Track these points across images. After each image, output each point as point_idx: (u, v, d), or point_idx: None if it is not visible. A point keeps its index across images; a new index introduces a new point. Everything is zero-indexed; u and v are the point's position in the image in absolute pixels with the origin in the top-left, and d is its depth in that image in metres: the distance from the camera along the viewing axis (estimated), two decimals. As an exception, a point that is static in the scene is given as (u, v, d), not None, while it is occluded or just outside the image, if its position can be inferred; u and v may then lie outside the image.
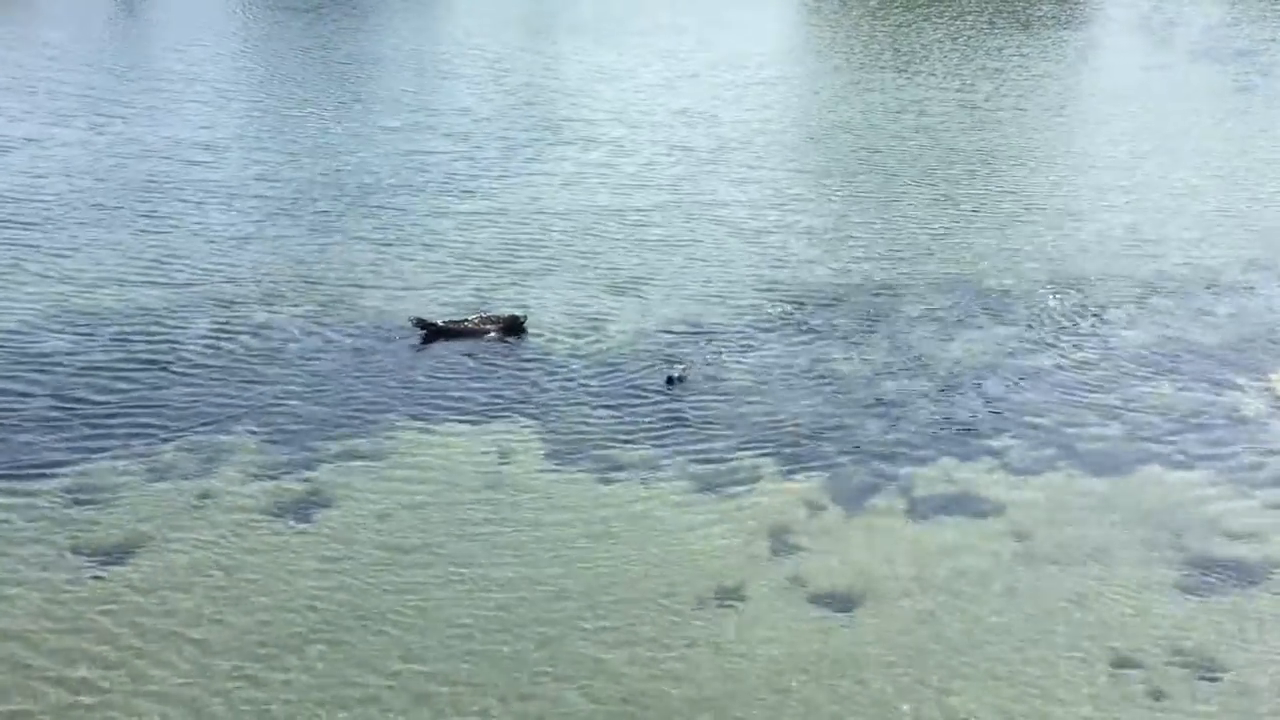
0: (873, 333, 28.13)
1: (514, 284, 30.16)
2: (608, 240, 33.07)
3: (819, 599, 19.13)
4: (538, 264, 31.43)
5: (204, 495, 21.23)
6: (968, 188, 37.78)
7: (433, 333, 27.08)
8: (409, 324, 27.53)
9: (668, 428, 23.70)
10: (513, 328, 27.39)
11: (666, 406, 24.40)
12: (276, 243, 32.36)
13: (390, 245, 32.37)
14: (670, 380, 24.45)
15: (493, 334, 27.17)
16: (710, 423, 23.95)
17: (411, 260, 31.44)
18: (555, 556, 19.88)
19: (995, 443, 23.75)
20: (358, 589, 19.10)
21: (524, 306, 28.62)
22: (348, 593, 19.00)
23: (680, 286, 30.20)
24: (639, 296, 29.54)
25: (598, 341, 27.26)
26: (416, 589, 19.09)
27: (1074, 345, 27.71)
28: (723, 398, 24.88)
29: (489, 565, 19.67)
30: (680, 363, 25.16)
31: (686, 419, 24.04)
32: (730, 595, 19.15)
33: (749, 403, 24.71)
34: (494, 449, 23.03)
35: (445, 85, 49.21)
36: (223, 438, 23.05)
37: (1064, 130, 44.44)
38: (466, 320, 27.46)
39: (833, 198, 37.16)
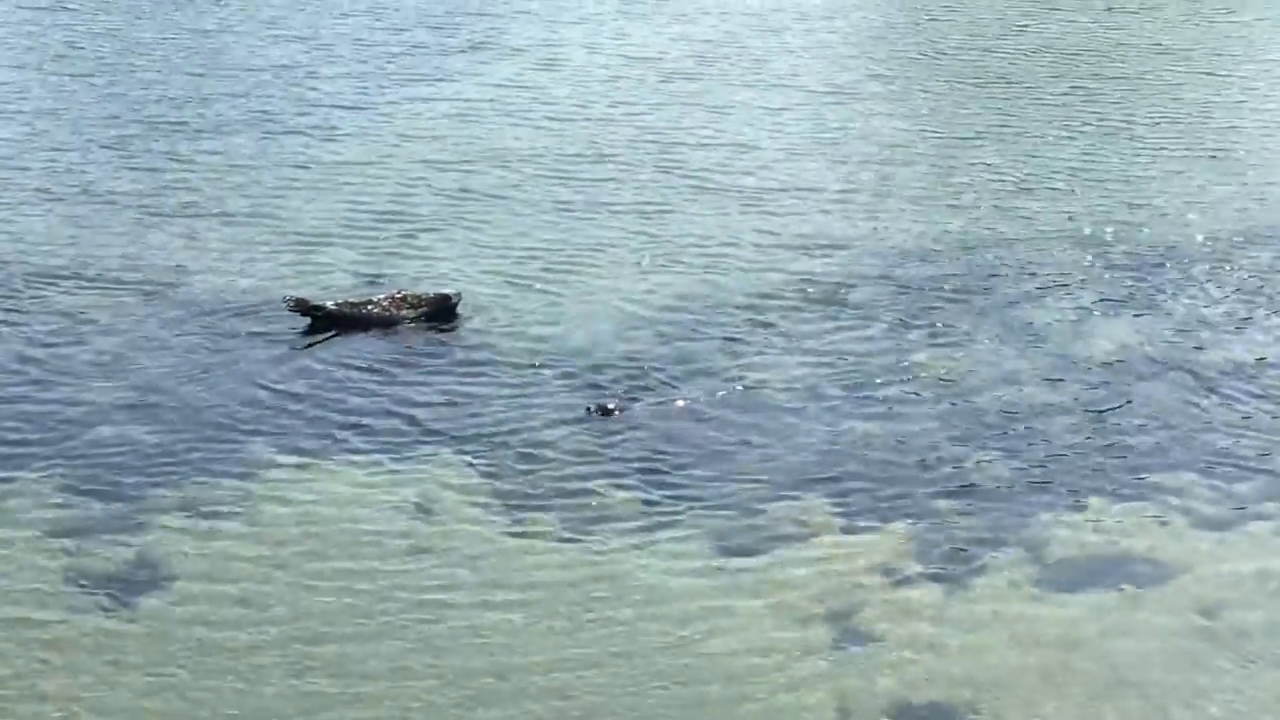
0: (973, 315, 28.36)
1: (422, 255, 30.68)
2: (563, 193, 33.71)
3: (911, 715, 18.57)
4: (455, 228, 32.02)
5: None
6: (1116, 113, 39.36)
7: (320, 320, 27.23)
8: (284, 307, 27.59)
9: (666, 459, 23.72)
10: (439, 312, 27.62)
11: (663, 429, 24.57)
12: (72, 214, 32.48)
13: (232, 212, 32.65)
14: (590, 411, 24.93)
15: (409, 321, 27.38)
16: (729, 450, 23.93)
17: (265, 227, 31.84)
18: (496, 661, 19.35)
19: (1168, 477, 23.45)
20: (197, 711, 18.54)
21: (451, 282, 29.02)
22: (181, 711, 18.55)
23: (674, 254, 30.76)
24: (618, 270, 30.08)
25: (558, 334, 27.54)
26: (289, 705, 18.65)
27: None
28: (746, 413, 24.97)
29: (395, 674, 19.16)
30: (616, 389, 25.70)
31: (694, 447, 24.08)
32: (777, 711, 18.54)
33: (785, 419, 24.80)
34: (411, 494, 22.73)
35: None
36: (4, 485, 22.89)
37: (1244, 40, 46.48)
38: (370, 302, 27.69)
39: (901, 121, 38.42)
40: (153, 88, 40.74)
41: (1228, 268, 30.31)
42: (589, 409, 24.94)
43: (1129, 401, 25.55)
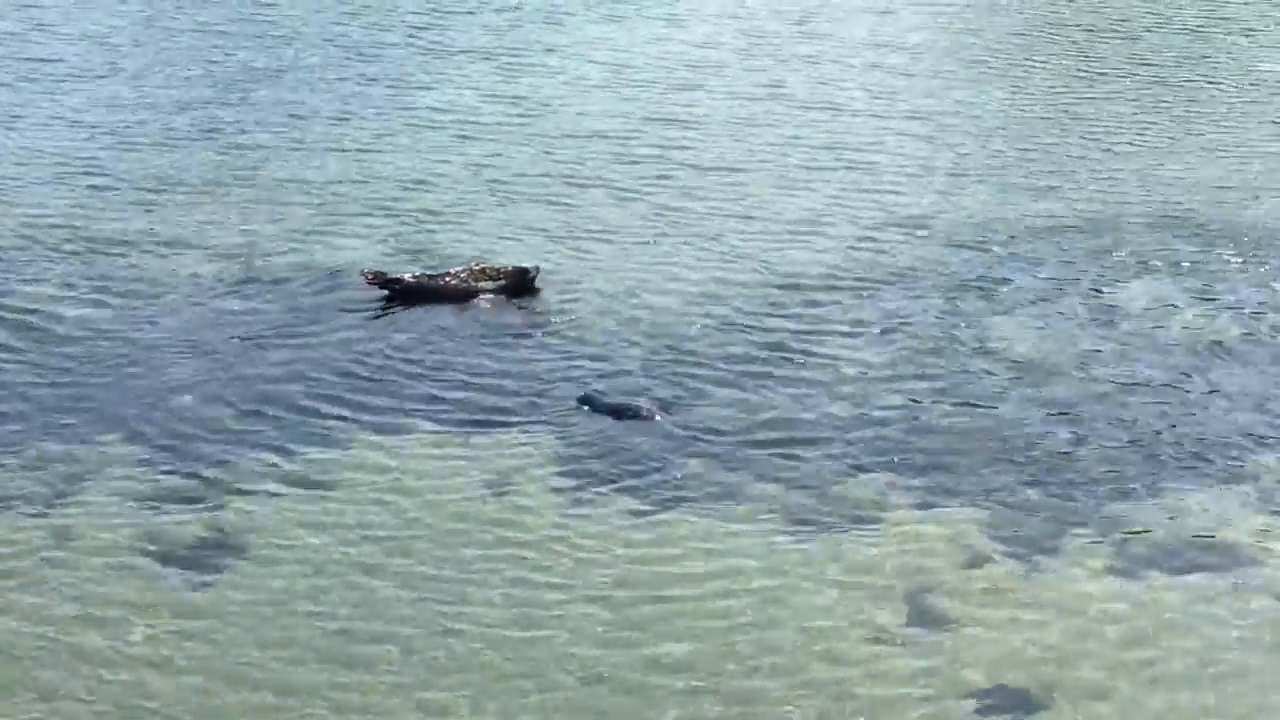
0: (1052, 296, 28.13)
1: (500, 227, 30.48)
2: (642, 161, 33.56)
3: (985, 698, 18.40)
4: (530, 205, 31.70)
5: (58, 534, 21.01)
6: (1198, 95, 38.88)
7: (398, 292, 27.21)
8: (360, 281, 27.56)
9: (739, 438, 23.59)
10: (518, 286, 27.44)
11: (745, 407, 24.40)
12: (145, 192, 32.20)
13: (304, 188, 32.32)
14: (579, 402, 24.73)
15: (488, 295, 27.30)
16: (805, 430, 23.82)
17: (339, 202, 31.70)
18: (570, 637, 19.36)
19: (1247, 461, 23.29)
20: (271, 679, 18.56)
21: (528, 257, 28.69)
22: (252, 685, 18.49)
23: (749, 234, 30.51)
24: (694, 248, 29.84)
25: (634, 310, 27.37)
26: (357, 685, 18.61)
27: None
28: (821, 392, 24.85)
29: (470, 647, 19.11)
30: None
31: (769, 426, 23.91)
32: (851, 692, 18.49)
33: (860, 398, 24.70)
34: (486, 469, 22.76)
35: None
36: (85, 453, 22.88)
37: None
38: (448, 274, 27.54)
39: (982, 103, 38.12)
40: (220, 69, 40.24)
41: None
42: (578, 401, 24.68)
43: (1208, 384, 25.32)
